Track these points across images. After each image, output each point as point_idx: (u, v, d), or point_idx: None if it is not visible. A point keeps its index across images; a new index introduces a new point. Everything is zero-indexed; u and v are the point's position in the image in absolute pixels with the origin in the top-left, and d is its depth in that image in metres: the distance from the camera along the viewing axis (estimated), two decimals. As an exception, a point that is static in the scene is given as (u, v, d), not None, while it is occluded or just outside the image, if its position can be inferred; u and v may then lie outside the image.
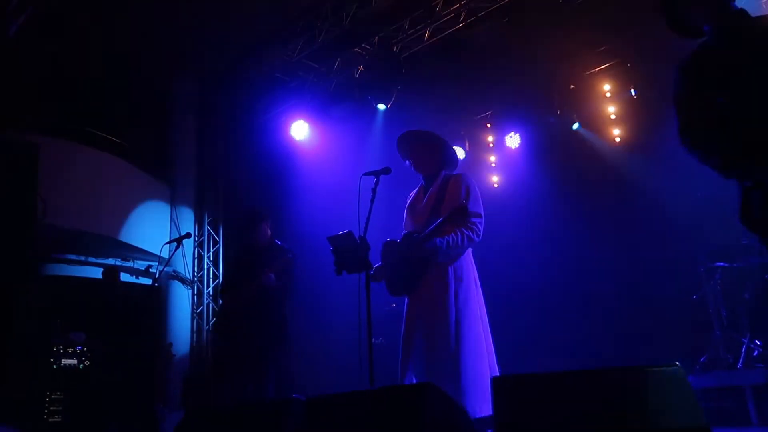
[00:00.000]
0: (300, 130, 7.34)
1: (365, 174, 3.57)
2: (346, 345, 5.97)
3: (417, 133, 3.76)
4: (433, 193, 3.66)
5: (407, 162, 3.80)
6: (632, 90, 6.83)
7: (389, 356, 5.97)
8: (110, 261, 7.41)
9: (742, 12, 2.09)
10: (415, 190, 3.85)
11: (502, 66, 7.04)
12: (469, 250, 3.58)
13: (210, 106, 8.30)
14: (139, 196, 7.67)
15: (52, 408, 4.86)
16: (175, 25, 6.65)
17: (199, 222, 8.27)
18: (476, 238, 3.45)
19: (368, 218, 3.36)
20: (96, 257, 7.51)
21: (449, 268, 3.42)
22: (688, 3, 2.13)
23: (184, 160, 8.20)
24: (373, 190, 3.51)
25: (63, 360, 5.09)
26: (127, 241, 7.31)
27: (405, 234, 3.60)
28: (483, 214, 3.50)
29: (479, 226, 3.46)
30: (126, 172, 7.55)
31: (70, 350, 5.14)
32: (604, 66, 7.09)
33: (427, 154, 3.73)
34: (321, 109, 7.50)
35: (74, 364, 5.11)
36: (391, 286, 3.59)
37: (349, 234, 3.34)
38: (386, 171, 3.53)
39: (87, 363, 5.17)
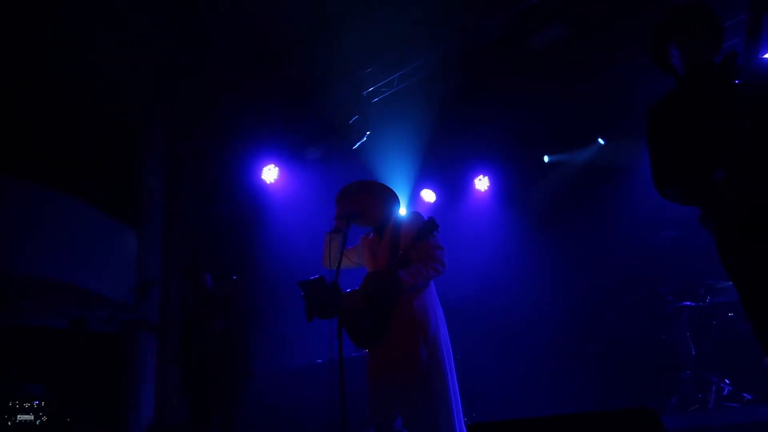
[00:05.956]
0: (270, 174, 7.32)
1: (336, 218, 3.56)
2: (317, 392, 5.83)
3: (350, 187, 3.60)
4: (388, 235, 3.52)
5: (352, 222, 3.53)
6: (600, 139, 7.04)
7: (361, 402, 5.86)
8: (70, 309, 7.14)
9: (708, 63, 2.26)
10: (370, 236, 3.70)
11: (470, 111, 7.21)
12: (434, 289, 3.47)
13: (179, 148, 8.23)
14: (102, 239, 7.46)
15: (4, 468, 4.58)
16: (146, 68, 6.65)
17: (165, 267, 8.08)
18: (441, 269, 3.34)
19: (339, 263, 3.33)
20: (55, 304, 7.22)
21: (414, 312, 3.26)
22: (671, 49, 2.35)
23: (152, 203, 8.06)
24: (344, 234, 3.50)
25: (19, 416, 4.81)
26: (89, 288, 7.07)
27: (366, 275, 3.45)
28: (443, 246, 3.40)
29: (442, 256, 3.36)
30: (89, 214, 7.35)
31: (26, 405, 4.87)
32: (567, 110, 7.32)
33: (371, 204, 3.58)
34: (292, 152, 7.51)
35: (30, 420, 4.84)
36: (356, 338, 3.41)
37: (321, 279, 3.30)
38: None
39: (45, 418, 4.90)
